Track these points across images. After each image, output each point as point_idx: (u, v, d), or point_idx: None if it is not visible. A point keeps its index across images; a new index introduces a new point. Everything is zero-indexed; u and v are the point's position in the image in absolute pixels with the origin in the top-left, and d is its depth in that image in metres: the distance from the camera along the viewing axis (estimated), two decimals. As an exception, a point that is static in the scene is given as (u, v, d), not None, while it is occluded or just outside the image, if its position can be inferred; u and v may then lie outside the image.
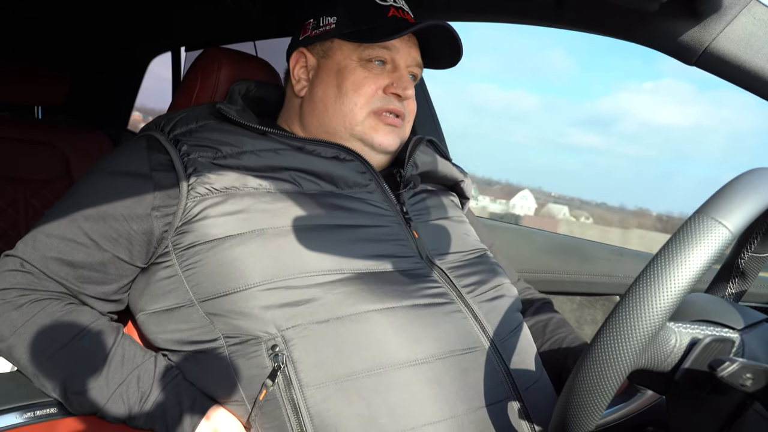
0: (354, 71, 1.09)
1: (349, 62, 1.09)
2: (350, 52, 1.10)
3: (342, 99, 1.09)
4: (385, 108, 1.10)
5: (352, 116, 1.09)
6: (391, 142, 1.11)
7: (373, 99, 1.09)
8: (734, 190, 0.63)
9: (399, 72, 1.11)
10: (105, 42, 2.87)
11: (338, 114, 1.09)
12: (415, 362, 0.90)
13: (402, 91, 1.10)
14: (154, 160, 0.98)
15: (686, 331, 0.71)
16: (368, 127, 1.09)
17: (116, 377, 0.91)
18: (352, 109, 1.08)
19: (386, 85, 1.10)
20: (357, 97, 1.08)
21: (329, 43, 1.12)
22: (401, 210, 1.08)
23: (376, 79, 1.09)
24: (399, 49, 1.11)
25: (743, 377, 0.67)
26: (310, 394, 0.87)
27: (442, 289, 1.00)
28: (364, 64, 1.09)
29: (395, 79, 1.10)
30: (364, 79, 1.09)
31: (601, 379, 0.63)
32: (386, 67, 1.11)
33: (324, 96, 1.11)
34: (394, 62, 1.11)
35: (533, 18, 1.18)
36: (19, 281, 0.94)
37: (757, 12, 0.84)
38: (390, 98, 1.10)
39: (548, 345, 1.19)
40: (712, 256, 0.60)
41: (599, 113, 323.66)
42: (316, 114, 1.12)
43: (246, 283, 0.91)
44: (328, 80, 1.11)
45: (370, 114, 1.09)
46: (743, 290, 0.88)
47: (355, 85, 1.08)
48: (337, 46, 1.11)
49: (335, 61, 1.11)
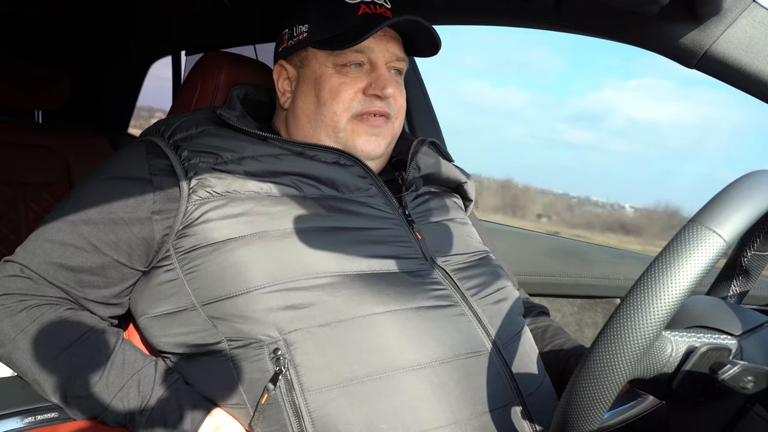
0: (330, 79, 1.07)
1: (324, 70, 1.08)
2: (325, 60, 1.08)
3: (321, 109, 1.07)
4: (367, 110, 1.08)
5: (334, 124, 1.07)
6: (374, 147, 1.09)
7: (352, 104, 1.07)
8: (728, 198, 0.63)
9: (377, 71, 1.08)
10: (105, 46, 2.87)
11: (320, 124, 1.08)
12: (418, 366, 0.90)
13: (381, 91, 1.07)
14: (153, 164, 0.98)
15: (682, 339, 0.71)
16: (351, 133, 1.08)
17: (117, 382, 0.91)
18: (332, 118, 1.07)
19: (365, 87, 1.07)
20: (335, 105, 1.07)
21: (304, 52, 1.10)
22: (403, 212, 1.08)
23: (353, 83, 1.07)
24: (373, 49, 1.08)
25: (744, 380, 0.67)
26: (312, 398, 0.87)
27: (446, 291, 1.00)
28: (340, 70, 1.07)
29: (373, 79, 1.07)
30: (340, 86, 1.07)
31: (598, 389, 0.63)
32: (363, 68, 1.09)
33: (305, 107, 1.10)
34: (371, 62, 1.08)
35: (533, 21, 1.18)
36: (19, 287, 0.94)
37: (757, 15, 0.84)
38: (371, 99, 1.08)
39: (549, 349, 1.19)
40: (706, 266, 0.60)
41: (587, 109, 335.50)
42: (301, 126, 1.11)
43: (248, 285, 0.91)
44: (307, 91, 1.09)
45: (351, 119, 1.07)
46: (746, 289, 0.88)
47: (332, 93, 1.07)
48: (312, 54, 1.09)
49: (312, 71, 1.09)
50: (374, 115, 1.08)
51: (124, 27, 2.60)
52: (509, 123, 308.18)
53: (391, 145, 1.14)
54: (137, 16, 2.44)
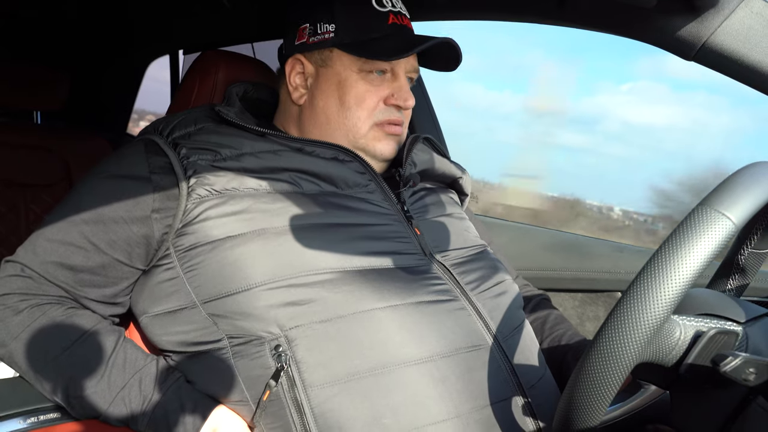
0: (356, 84, 1.08)
1: (350, 74, 1.08)
2: (351, 63, 1.08)
3: (345, 113, 1.08)
4: (387, 120, 1.10)
5: (356, 130, 1.08)
6: (392, 150, 1.12)
7: (375, 112, 1.08)
8: (737, 182, 0.63)
9: (399, 82, 1.10)
10: (103, 46, 2.86)
11: (341, 127, 1.09)
12: (419, 361, 0.90)
13: (403, 102, 1.09)
14: (153, 162, 0.98)
15: (690, 323, 0.71)
16: (371, 139, 1.09)
17: (118, 381, 0.91)
18: (356, 124, 1.08)
19: (387, 96, 1.09)
20: (360, 112, 1.08)
21: (328, 52, 1.09)
22: (402, 208, 1.08)
23: (377, 91, 1.08)
24: (399, 60, 1.10)
25: (746, 372, 0.67)
26: (313, 394, 0.87)
27: (445, 285, 1.00)
28: (365, 76, 1.08)
29: (396, 89, 1.09)
30: (366, 93, 1.08)
31: (606, 373, 0.63)
32: (386, 76, 1.10)
33: (326, 107, 1.10)
34: (393, 71, 1.10)
35: (534, 15, 1.17)
36: (20, 286, 0.94)
37: (755, 6, 0.84)
38: (391, 109, 1.10)
39: (548, 342, 1.19)
40: (715, 248, 0.60)
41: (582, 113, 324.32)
42: (318, 124, 1.11)
43: (248, 283, 0.91)
44: (329, 92, 1.09)
45: (373, 126, 1.09)
46: (743, 286, 0.88)
47: (357, 99, 1.08)
48: (337, 56, 1.09)
49: (335, 72, 1.09)
50: (393, 124, 1.10)
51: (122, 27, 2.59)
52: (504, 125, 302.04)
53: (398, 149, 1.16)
54: (135, 16, 2.43)
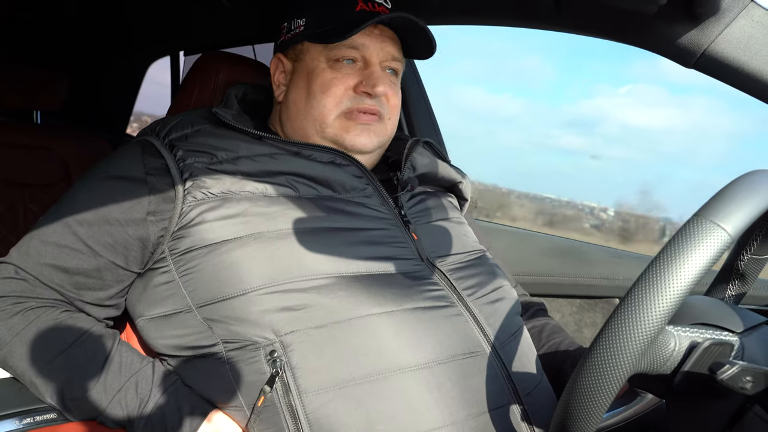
0: (322, 73, 1.07)
1: (317, 64, 1.08)
2: (318, 54, 1.08)
3: (311, 102, 1.07)
4: (357, 108, 1.07)
5: (322, 119, 1.07)
6: (366, 141, 1.08)
7: (342, 100, 1.07)
8: (733, 193, 0.63)
9: (370, 69, 1.08)
10: (104, 47, 2.87)
11: (308, 117, 1.08)
12: (415, 367, 0.89)
13: (371, 89, 1.06)
14: (149, 164, 0.98)
15: (685, 334, 0.71)
16: (339, 128, 1.07)
17: (114, 384, 0.91)
18: (321, 112, 1.07)
19: (356, 84, 1.07)
20: (325, 99, 1.06)
21: (300, 46, 1.11)
22: (399, 213, 1.08)
23: (344, 79, 1.07)
24: (368, 46, 1.08)
25: (743, 380, 0.67)
26: (308, 400, 0.87)
27: (442, 291, 1.00)
28: (333, 65, 1.07)
29: (365, 77, 1.07)
30: (331, 80, 1.07)
31: (601, 383, 0.63)
32: (356, 65, 1.09)
33: (296, 99, 1.10)
34: (364, 59, 1.08)
35: (532, 21, 1.17)
36: (14, 289, 0.94)
37: (755, 14, 0.84)
38: (361, 97, 1.07)
39: (545, 349, 1.19)
40: (710, 260, 0.60)
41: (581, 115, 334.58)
42: (291, 118, 1.11)
43: (244, 287, 0.90)
44: (300, 84, 1.10)
45: (340, 116, 1.07)
46: (743, 292, 0.88)
47: (323, 87, 1.07)
48: (307, 48, 1.10)
49: (305, 64, 1.10)
50: (364, 113, 1.08)
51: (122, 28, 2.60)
52: (505, 129, 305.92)
53: (384, 144, 1.14)
54: (135, 17, 2.44)
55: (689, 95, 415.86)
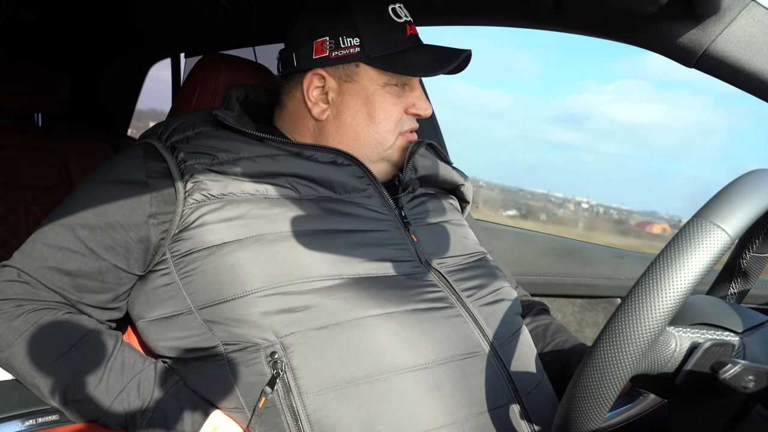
0: (384, 98, 1.09)
1: (376, 88, 1.08)
2: (377, 78, 1.08)
3: (375, 127, 1.09)
4: (409, 128, 1.13)
5: (386, 142, 1.10)
6: (407, 152, 1.15)
7: (399, 123, 1.11)
8: (733, 193, 0.63)
9: (417, 92, 1.12)
10: (105, 49, 2.87)
11: (370, 141, 1.10)
12: (415, 368, 0.89)
13: (423, 111, 1.12)
14: (150, 167, 0.98)
15: (686, 335, 0.71)
16: (397, 149, 1.12)
17: (116, 385, 0.91)
18: (385, 137, 1.10)
19: (408, 106, 1.11)
20: (389, 124, 1.09)
21: (354, 66, 1.08)
22: (399, 214, 1.08)
23: (401, 103, 1.10)
24: None
25: (745, 379, 0.66)
26: (309, 401, 0.87)
27: (441, 293, 1.00)
28: (390, 89, 1.09)
29: (415, 99, 1.12)
30: (393, 106, 1.09)
31: (601, 385, 0.63)
32: (405, 87, 1.12)
33: (354, 123, 1.09)
34: (411, 82, 1.12)
35: (531, 21, 1.17)
36: (16, 291, 0.94)
37: (756, 14, 0.84)
38: (411, 119, 1.13)
39: (550, 347, 1.18)
40: (711, 261, 0.60)
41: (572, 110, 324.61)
42: (346, 139, 1.10)
43: (244, 289, 0.90)
44: (357, 107, 1.09)
45: (397, 137, 1.11)
46: (745, 291, 0.88)
47: (386, 113, 1.09)
48: (363, 70, 1.08)
49: (362, 87, 1.08)
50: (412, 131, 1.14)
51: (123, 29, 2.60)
52: (498, 123, 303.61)
53: None
54: (136, 19, 2.44)
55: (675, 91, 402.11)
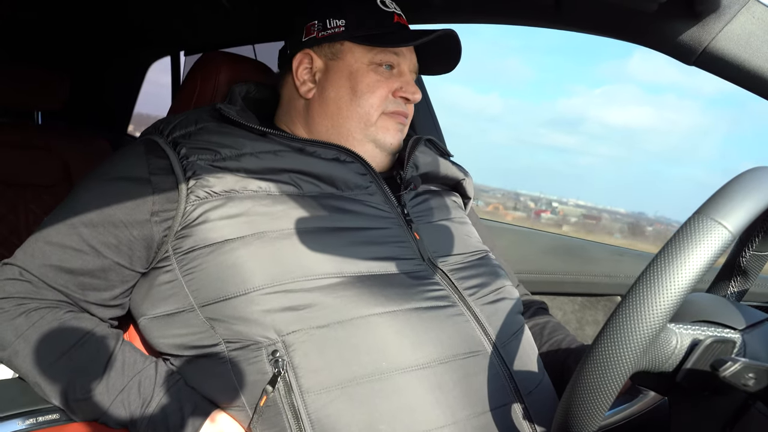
0: (367, 74, 1.11)
1: (360, 65, 1.11)
2: (361, 56, 1.11)
3: (358, 101, 1.10)
4: (395, 110, 1.13)
5: (368, 117, 1.11)
6: (399, 141, 1.15)
7: (385, 101, 1.11)
8: (734, 190, 0.63)
9: (406, 77, 1.15)
10: (104, 47, 2.87)
11: (353, 115, 1.11)
12: (416, 367, 0.89)
13: (411, 95, 1.13)
14: (153, 164, 0.98)
15: (687, 332, 0.71)
16: (381, 128, 1.12)
17: (117, 384, 0.91)
18: (368, 111, 1.11)
19: (396, 89, 1.13)
20: (372, 99, 1.10)
21: (339, 45, 1.12)
22: (402, 212, 1.08)
23: (387, 83, 1.12)
24: (405, 55, 1.14)
25: (745, 377, 0.66)
26: (310, 399, 0.87)
27: (444, 291, 1.00)
28: (375, 68, 1.11)
29: (403, 83, 1.13)
30: (377, 82, 1.11)
31: (602, 382, 0.63)
32: (393, 71, 1.13)
33: (337, 98, 1.11)
34: (400, 67, 1.14)
35: (531, 19, 1.17)
36: (18, 290, 0.94)
37: (756, 11, 0.84)
38: (399, 102, 1.13)
39: (547, 347, 1.19)
40: (711, 258, 0.60)
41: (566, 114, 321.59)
42: (329, 115, 1.12)
43: (246, 287, 0.90)
44: (341, 83, 1.11)
45: (382, 115, 1.12)
46: (745, 289, 0.88)
47: (369, 87, 1.10)
48: (348, 48, 1.11)
49: (346, 64, 1.11)
50: (400, 115, 1.14)
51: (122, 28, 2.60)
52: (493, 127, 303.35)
53: (401, 146, 1.18)
54: (136, 17, 2.43)
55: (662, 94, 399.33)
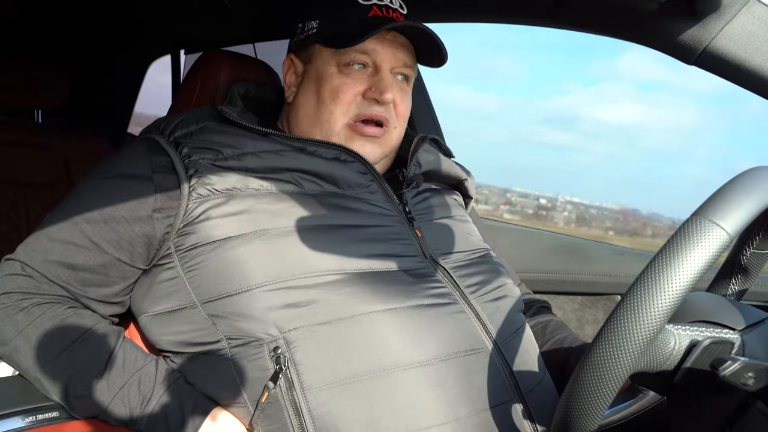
0: (331, 78, 1.06)
1: (327, 68, 1.07)
2: (329, 58, 1.07)
3: (320, 107, 1.07)
4: (364, 115, 1.06)
5: (329, 126, 1.07)
6: (369, 151, 1.08)
7: (350, 107, 1.06)
8: (732, 192, 0.63)
9: (380, 75, 1.07)
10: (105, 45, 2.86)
11: (317, 122, 1.08)
12: (418, 364, 0.90)
13: (379, 95, 1.05)
14: (155, 162, 0.98)
15: (685, 333, 0.71)
16: (344, 138, 1.07)
17: (117, 381, 0.91)
18: (328, 119, 1.07)
19: (365, 90, 1.06)
20: (333, 106, 1.06)
21: (312, 48, 1.10)
22: (404, 210, 1.08)
23: (354, 85, 1.06)
24: (379, 52, 1.07)
25: (745, 376, 0.67)
26: (312, 396, 0.87)
27: (445, 289, 1.00)
28: (343, 69, 1.06)
29: (375, 83, 1.06)
30: (340, 86, 1.06)
31: (601, 383, 0.63)
32: (367, 70, 1.08)
33: (305, 103, 1.10)
34: (375, 65, 1.07)
35: (531, 18, 1.17)
36: (20, 285, 0.94)
37: (756, 11, 0.84)
38: (370, 103, 1.06)
39: (549, 345, 1.19)
40: (709, 259, 0.60)
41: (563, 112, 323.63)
42: (299, 121, 1.11)
43: (248, 284, 0.91)
44: (310, 87, 1.09)
45: (345, 126, 1.07)
46: (745, 288, 0.88)
47: (332, 93, 1.06)
48: (318, 51, 1.09)
49: (315, 67, 1.09)
50: (371, 121, 1.07)
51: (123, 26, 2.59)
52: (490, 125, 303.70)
53: (389, 154, 1.13)
54: (136, 16, 2.43)
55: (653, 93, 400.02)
